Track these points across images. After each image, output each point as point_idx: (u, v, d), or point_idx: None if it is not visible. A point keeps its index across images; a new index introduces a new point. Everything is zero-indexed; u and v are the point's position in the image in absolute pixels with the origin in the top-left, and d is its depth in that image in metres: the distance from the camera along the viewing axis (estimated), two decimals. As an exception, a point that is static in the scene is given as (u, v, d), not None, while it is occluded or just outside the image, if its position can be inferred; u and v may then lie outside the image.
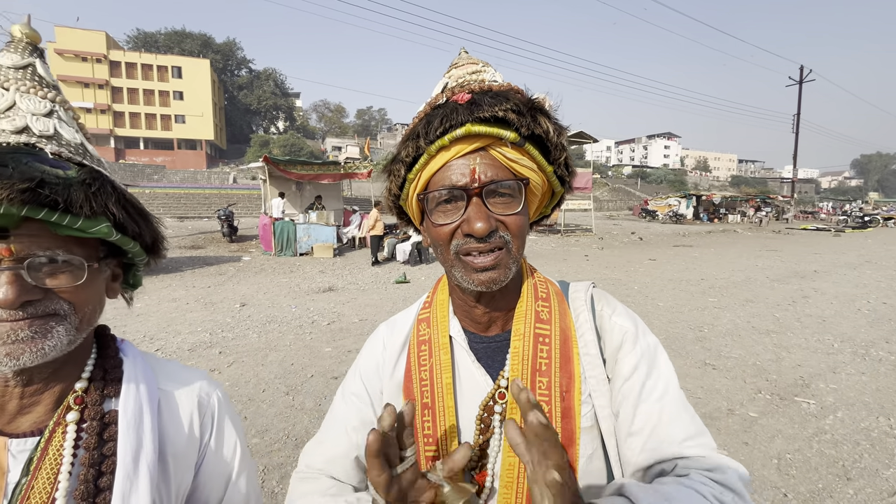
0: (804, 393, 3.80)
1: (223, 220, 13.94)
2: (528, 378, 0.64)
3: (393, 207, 0.74)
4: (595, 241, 16.43)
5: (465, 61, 0.70)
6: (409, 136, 0.64)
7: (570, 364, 0.65)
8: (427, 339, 0.72)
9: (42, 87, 0.63)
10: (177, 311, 6.28)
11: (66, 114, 0.64)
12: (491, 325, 0.71)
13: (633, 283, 8.59)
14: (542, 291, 0.71)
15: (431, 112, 0.63)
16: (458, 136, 0.59)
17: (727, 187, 67.40)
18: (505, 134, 0.60)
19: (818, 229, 23.89)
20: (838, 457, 2.87)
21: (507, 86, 0.64)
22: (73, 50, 44.57)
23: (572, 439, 0.63)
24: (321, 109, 76.91)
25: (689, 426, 0.63)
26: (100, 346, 0.68)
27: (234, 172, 40.27)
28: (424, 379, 0.69)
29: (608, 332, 0.69)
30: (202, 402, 0.70)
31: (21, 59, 0.63)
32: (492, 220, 0.60)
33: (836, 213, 37.51)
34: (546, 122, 0.62)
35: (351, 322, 5.79)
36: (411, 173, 0.65)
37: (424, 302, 0.79)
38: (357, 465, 0.73)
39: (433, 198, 0.63)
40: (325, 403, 3.54)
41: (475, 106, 0.59)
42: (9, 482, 0.56)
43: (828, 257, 12.55)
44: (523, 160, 0.62)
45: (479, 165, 0.60)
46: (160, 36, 57.25)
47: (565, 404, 0.63)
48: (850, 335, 5.37)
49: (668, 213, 28.98)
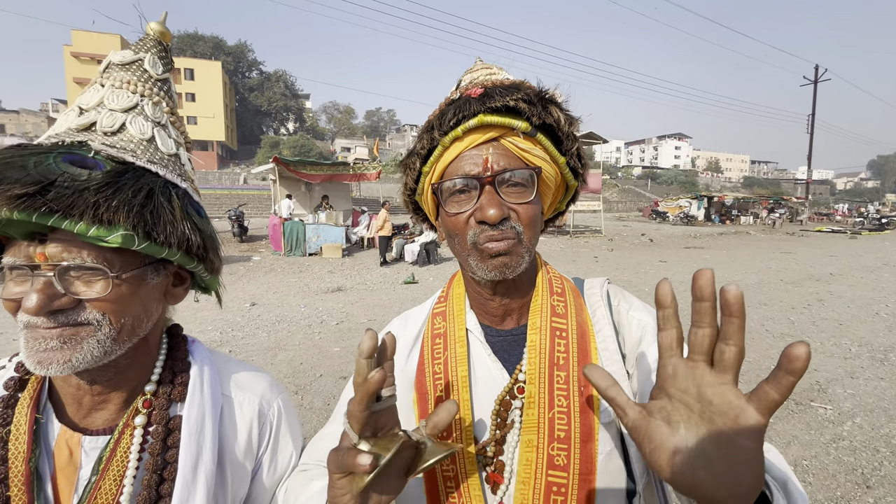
0: (821, 398, 3.72)
1: (234, 220, 14.08)
2: (545, 372, 0.64)
3: (409, 203, 0.74)
4: (605, 242, 16.30)
5: (480, 67, 0.72)
6: (424, 129, 0.66)
7: (587, 358, 0.65)
8: (442, 332, 0.72)
9: (141, 82, 0.62)
10: (187, 310, 6.33)
11: (155, 108, 0.62)
12: (506, 317, 0.71)
13: (643, 284, 8.50)
14: (556, 286, 0.71)
15: (446, 107, 0.64)
16: (471, 126, 0.61)
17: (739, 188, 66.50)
18: (516, 123, 0.61)
19: (833, 231, 23.45)
20: (857, 464, 2.80)
21: (518, 81, 0.66)
22: (88, 53, 45.43)
23: (591, 434, 0.62)
24: (331, 111, 77.53)
25: None
26: (170, 346, 0.68)
27: (245, 173, 40.72)
28: (438, 372, 0.69)
29: (626, 326, 0.69)
30: (262, 410, 0.70)
31: (133, 55, 0.63)
32: (504, 208, 0.61)
33: (851, 214, 36.78)
34: (557, 111, 0.63)
35: (359, 322, 5.80)
36: (426, 165, 0.66)
37: (439, 297, 0.79)
38: None
39: (447, 188, 0.64)
40: (334, 403, 3.54)
41: (487, 97, 0.61)
42: (80, 478, 0.57)
43: (844, 260, 12.30)
44: (535, 150, 0.63)
45: (491, 155, 0.62)
46: (173, 39, 57.69)
47: (584, 399, 0.63)
48: (868, 339, 5.25)
49: (678, 214, 28.66)
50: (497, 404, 0.65)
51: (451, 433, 0.65)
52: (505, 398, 0.65)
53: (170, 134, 0.64)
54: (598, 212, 18.55)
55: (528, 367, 0.65)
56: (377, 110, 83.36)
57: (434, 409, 0.66)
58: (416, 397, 0.70)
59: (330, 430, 0.74)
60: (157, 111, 0.63)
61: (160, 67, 0.65)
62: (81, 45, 45.41)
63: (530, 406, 0.63)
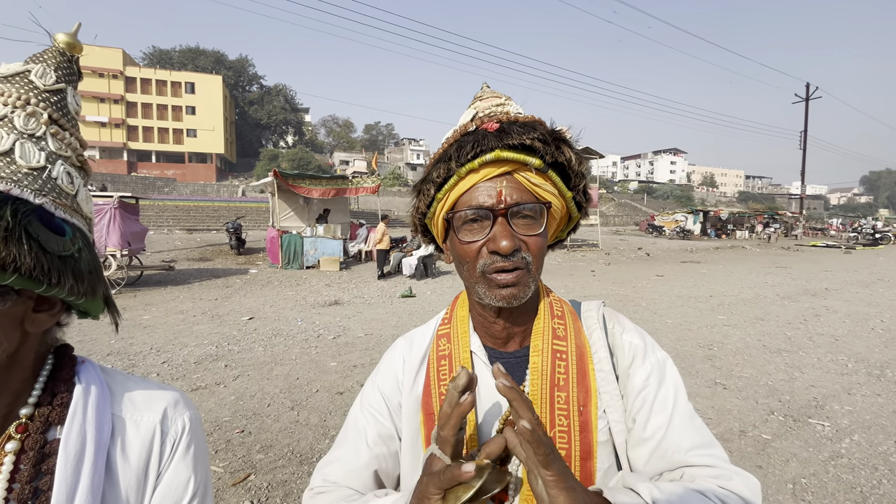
0: (818, 415, 3.71)
1: (231, 232, 14.08)
2: (546, 392, 0.66)
3: (419, 225, 0.78)
4: (601, 256, 16.35)
5: (489, 94, 0.75)
6: (441, 158, 0.68)
7: (586, 379, 0.68)
8: (447, 354, 0.74)
9: (20, 92, 0.57)
10: (184, 324, 6.30)
11: (28, 119, 0.57)
12: (509, 340, 0.73)
13: (640, 299, 8.51)
14: (557, 309, 0.74)
15: (462, 138, 0.67)
16: (488, 160, 0.64)
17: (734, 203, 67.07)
18: (531, 160, 0.64)
19: (828, 246, 23.60)
20: (856, 482, 2.78)
21: (531, 118, 0.69)
22: (90, 66, 45.84)
23: (590, 453, 0.64)
24: (330, 124, 78.05)
25: (695, 436, 0.65)
26: (54, 367, 0.63)
27: (244, 186, 40.80)
28: (444, 394, 0.70)
29: (619, 349, 0.72)
30: (164, 429, 0.64)
31: (20, 66, 0.59)
32: (515, 239, 0.64)
33: (845, 229, 37.09)
34: (569, 151, 0.67)
35: (356, 336, 5.78)
36: (440, 193, 0.69)
37: (443, 318, 0.80)
38: (375, 478, 0.73)
39: (461, 216, 0.67)
40: (331, 419, 3.51)
41: (504, 134, 0.64)
42: None
43: (839, 275, 12.37)
44: (546, 185, 0.67)
45: (505, 188, 0.65)
46: (175, 53, 58.87)
47: (583, 418, 0.65)
48: (865, 355, 5.26)
49: (674, 228, 28.84)
50: (501, 424, 0.67)
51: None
52: (508, 418, 0.67)
53: (43, 147, 0.59)
54: (595, 225, 18.67)
55: (530, 389, 0.67)
56: (376, 124, 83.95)
57: None
58: (424, 419, 0.71)
59: (340, 455, 0.75)
60: (32, 122, 0.58)
61: (52, 77, 0.61)
62: (83, 58, 45.23)
63: None
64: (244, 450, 3.04)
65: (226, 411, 3.60)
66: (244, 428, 3.34)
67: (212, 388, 4.06)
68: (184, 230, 22.18)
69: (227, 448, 3.05)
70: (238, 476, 2.73)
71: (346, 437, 0.77)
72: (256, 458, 2.93)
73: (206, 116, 51.05)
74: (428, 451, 0.58)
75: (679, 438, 0.64)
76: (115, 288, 8.44)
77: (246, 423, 3.42)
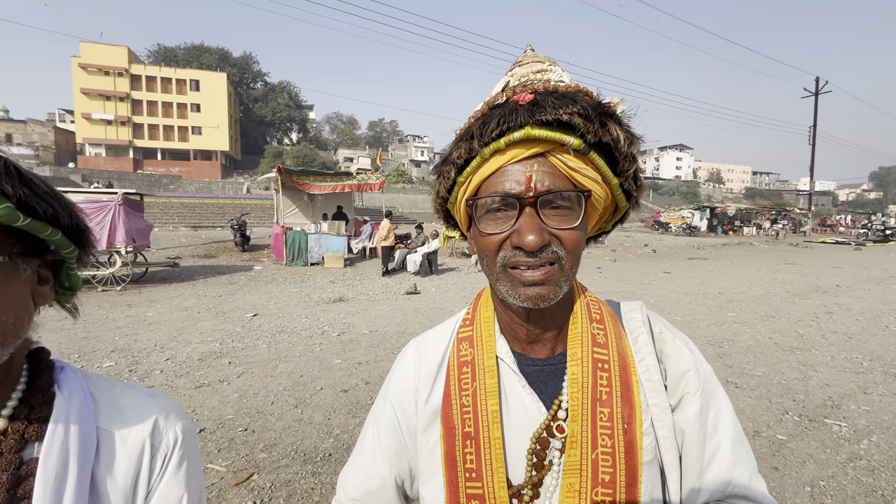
0: (834, 415, 3.62)
1: (236, 229, 14.10)
2: (588, 408, 0.57)
3: (440, 210, 0.68)
4: (607, 252, 16.23)
5: (531, 59, 0.63)
6: (463, 136, 0.58)
7: (630, 392, 0.58)
8: (470, 360, 0.65)
9: None
10: (188, 320, 6.28)
11: None
12: (540, 345, 0.64)
13: (648, 296, 8.41)
14: (595, 312, 0.64)
15: (489, 112, 0.57)
16: (515, 139, 0.53)
17: (741, 199, 66.47)
18: (568, 140, 0.53)
19: (837, 242, 23.30)
20: (876, 485, 2.69)
21: (574, 87, 0.57)
22: (96, 64, 46.10)
23: (635, 477, 0.56)
24: (334, 121, 78.04)
25: (748, 462, 0.60)
26: (31, 374, 0.56)
27: (248, 182, 40.91)
28: (466, 405, 0.62)
29: (670, 357, 0.63)
30: (154, 442, 0.59)
31: None
32: (544, 234, 0.54)
33: (855, 226, 36.66)
34: (616, 129, 0.55)
35: (361, 333, 5.73)
36: (462, 176, 0.59)
37: (464, 319, 0.71)
38: (398, 494, 0.69)
39: (483, 204, 0.57)
40: (335, 417, 3.46)
41: (537, 107, 0.53)
42: None
43: (850, 271, 12.18)
44: (586, 170, 0.55)
45: (536, 173, 0.54)
46: (180, 51, 59.01)
47: (628, 438, 0.56)
48: (880, 353, 5.14)
49: (681, 225, 28.58)
50: (533, 442, 0.59)
51: (481, 475, 0.59)
52: (542, 435, 0.59)
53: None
54: (600, 222, 18.50)
55: (570, 403, 0.58)
56: (380, 121, 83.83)
57: (461, 445, 0.60)
58: (444, 433, 0.63)
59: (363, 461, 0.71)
60: None
61: None
62: (89, 56, 46.05)
63: (572, 446, 0.56)
64: (247, 448, 2.99)
65: (229, 409, 3.56)
66: (247, 426, 3.30)
67: (215, 386, 4.03)
68: (189, 227, 22.25)
69: (231, 447, 3.01)
70: (241, 475, 2.68)
71: (362, 451, 0.72)
72: (260, 457, 2.89)
73: (210, 114, 51.16)
74: None
75: (729, 469, 0.58)
76: (120, 284, 8.45)
77: (249, 420, 3.38)
